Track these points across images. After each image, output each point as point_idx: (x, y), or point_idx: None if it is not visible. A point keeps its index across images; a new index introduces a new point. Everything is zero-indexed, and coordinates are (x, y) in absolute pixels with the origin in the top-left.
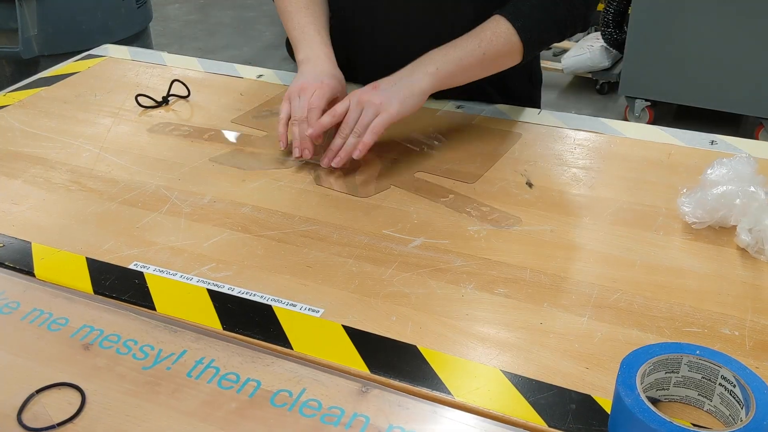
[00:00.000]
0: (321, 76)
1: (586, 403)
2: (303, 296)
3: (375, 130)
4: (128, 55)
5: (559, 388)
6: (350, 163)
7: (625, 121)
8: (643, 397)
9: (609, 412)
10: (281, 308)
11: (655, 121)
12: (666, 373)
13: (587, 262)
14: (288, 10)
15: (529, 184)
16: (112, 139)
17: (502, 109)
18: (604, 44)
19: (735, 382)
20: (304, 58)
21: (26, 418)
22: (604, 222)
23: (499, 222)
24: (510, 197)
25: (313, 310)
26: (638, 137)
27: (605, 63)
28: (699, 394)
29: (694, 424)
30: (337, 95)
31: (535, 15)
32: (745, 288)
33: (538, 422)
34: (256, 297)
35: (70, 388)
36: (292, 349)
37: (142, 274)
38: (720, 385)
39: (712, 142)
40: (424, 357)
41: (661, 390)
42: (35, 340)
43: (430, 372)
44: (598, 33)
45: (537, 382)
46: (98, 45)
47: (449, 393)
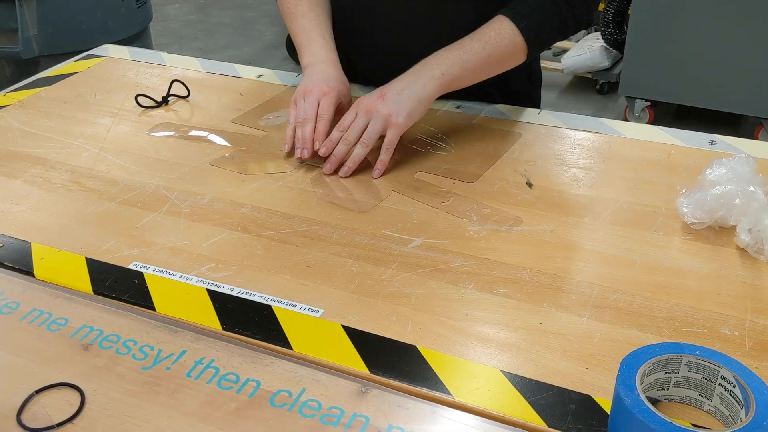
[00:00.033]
0: (326, 79)
1: (585, 404)
2: (303, 296)
3: (389, 147)
4: (128, 55)
5: (559, 389)
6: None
7: (625, 121)
8: (643, 397)
9: (609, 413)
10: (281, 308)
11: (655, 121)
12: (666, 373)
13: (587, 262)
14: (292, 12)
15: (529, 184)
16: (112, 139)
17: (502, 109)
18: (604, 44)
19: (735, 383)
20: (309, 63)
21: (26, 418)
22: (603, 222)
23: (499, 222)
24: (510, 197)
25: (312, 310)
26: (638, 137)
27: (605, 63)
28: (699, 395)
29: (694, 425)
30: (344, 99)
31: (537, 15)
32: (745, 288)
33: (538, 422)
34: (256, 297)
35: (70, 388)
36: (291, 349)
37: (141, 274)
38: (720, 385)
39: (711, 142)
40: (423, 357)
41: (660, 390)
42: (35, 340)
43: (429, 372)
44: (598, 33)
45: (537, 382)
46: (98, 45)
47: (449, 393)
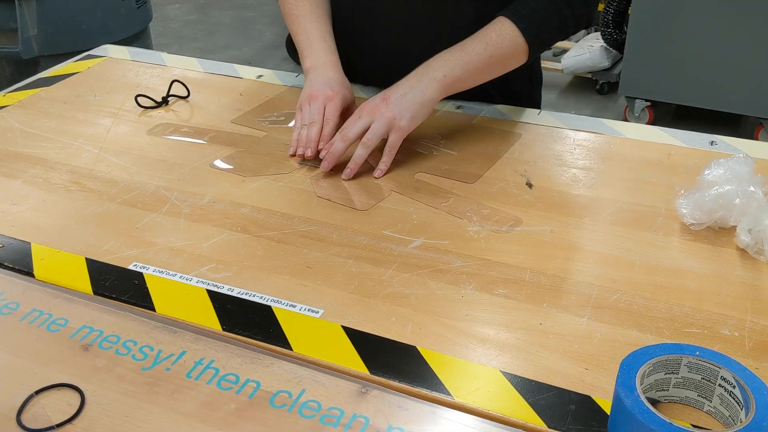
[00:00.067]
0: (330, 83)
1: (585, 404)
2: (302, 297)
3: (392, 149)
4: (128, 56)
5: (559, 389)
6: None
7: (625, 122)
8: (643, 398)
9: (608, 413)
10: (281, 309)
11: (655, 121)
12: (666, 374)
13: (587, 263)
14: (293, 13)
15: (529, 185)
16: (112, 140)
17: (502, 109)
18: (604, 44)
19: (734, 383)
20: (311, 67)
21: (25, 418)
22: (603, 222)
23: (499, 222)
24: (510, 198)
25: (312, 311)
26: (638, 138)
27: (605, 63)
28: (699, 395)
29: (694, 425)
30: (348, 104)
31: (538, 15)
32: (745, 289)
33: (538, 423)
34: (256, 297)
35: (70, 388)
36: (291, 349)
37: (141, 274)
38: (720, 386)
39: (711, 143)
40: (423, 358)
41: (660, 391)
42: (34, 340)
43: (429, 373)
44: (598, 33)
45: (536, 382)
46: (98, 45)
47: (449, 394)
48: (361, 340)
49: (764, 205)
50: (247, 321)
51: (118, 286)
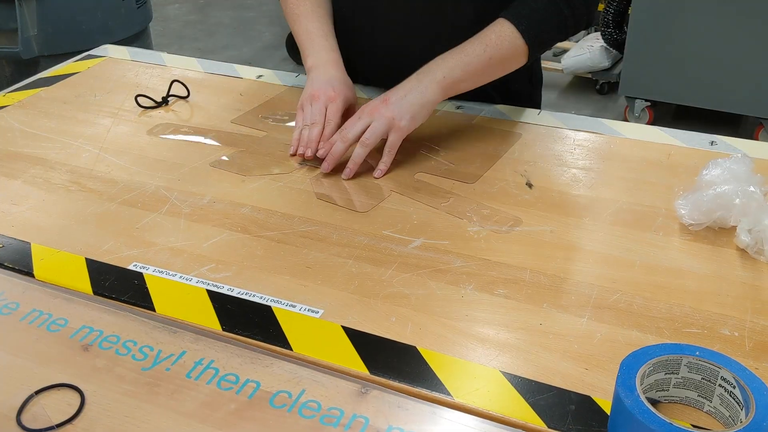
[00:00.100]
0: (332, 83)
1: (585, 404)
2: (302, 297)
3: (392, 149)
4: (128, 56)
5: (559, 389)
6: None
7: (625, 122)
8: (643, 398)
9: (608, 413)
10: (281, 309)
11: (655, 121)
12: (666, 374)
13: (587, 263)
14: (295, 13)
15: (529, 185)
16: (112, 140)
17: (502, 109)
18: (604, 44)
19: (735, 383)
20: (313, 65)
21: (25, 419)
22: (603, 222)
23: (499, 223)
24: (510, 198)
25: (312, 311)
26: (638, 138)
27: (605, 63)
28: (699, 395)
29: (694, 425)
30: (350, 104)
31: (537, 16)
32: (745, 289)
33: (538, 423)
34: (256, 298)
35: (70, 389)
36: (291, 350)
37: (141, 274)
38: (720, 386)
39: (711, 143)
40: (423, 358)
41: (660, 391)
42: (34, 340)
43: (429, 373)
44: (598, 33)
45: (536, 383)
46: (98, 45)
47: (449, 394)
48: (361, 340)
49: (764, 205)
50: (247, 321)
51: (118, 286)
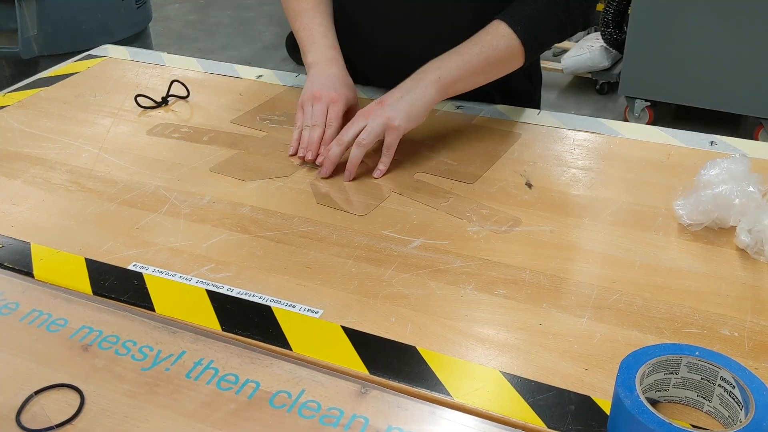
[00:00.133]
0: (334, 83)
1: (585, 404)
2: (302, 297)
3: (389, 150)
4: (128, 56)
5: (559, 389)
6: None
7: (625, 122)
8: (643, 398)
9: (608, 414)
10: (280, 309)
11: (655, 121)
12: (665, 374)
13: (586, 263)
14: (296, 10)
15: (529, 185)
16: (112, 140)
17: (502, 109)
18: (604, 44)
19: (734, 384)
20: (313, 62)
21: (25, 419)
22: (603, 223)
23: (499, 223)
24: (509, 198)
25: (312, 311)
26: (637, 138)
27: (605, 63)
28: (698, 396)
29: (694, 426)
30: (351, 104)
31: (534, 17)
32: (745, 289)
33: (537, 423)
34: (255, 298)
35: (69, 389)
36: (291, 350)
37: (141, 274)
38: (719, 386)
39: (711, 143)
40: (423, 358)
41: (660, 391)
42: (34, 341)
43: (429, 373)
44: (598, 33)
45: (536, 383)
46: (98, 45)
47: (448, 394)
48: (361, 341)
49: (763, 205)
50: (247, 321)
51: (118, 286)
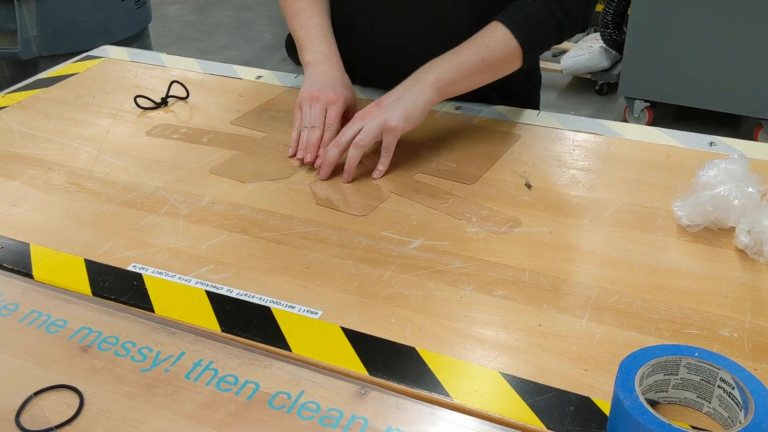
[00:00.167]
0: (332, 84)
1: (584, 405)
2: (302, 298)
3: (387, 151)
4: (127, 56)
5: (558, 390)
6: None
7: (624, 123)
8: (642, 399)
9: (608, 414)
10: (280, 310)
11: (655, 122)
12: (665, 375)
13: (586, 264)
14: (293, 9)
15: (528, 186)
16: (111, 141)
17: (501, 110)
18: (604, 45)
19: (734, 384)
20: (311, 61)
21: (24, 420)
22: (603, 223)
23: (498, 223)
24: (509, 199)
25: (311, 312)
26: (637, 138)
27: (604, 64)
28: (698, 396)
29: (693, 426)
30: (350, 105)
31: (532, 18)
32: (744, 290)
33: (537, 424)
34: (255, 299)
35: (69, 390)
36: (290, 351)
37: (140, 275)
38: (719, 387)
39: (711, 144)
40: (422, 359)
41: (659, 392)
42: (33, 341)
43: (428, 374)
44: (598, 34)
45: (536, 384)
46: (97, 46)
47: (448, 395)
48: (360, 342)
49: (763, 205)
50: (246, 322)
51: (117, 287)
